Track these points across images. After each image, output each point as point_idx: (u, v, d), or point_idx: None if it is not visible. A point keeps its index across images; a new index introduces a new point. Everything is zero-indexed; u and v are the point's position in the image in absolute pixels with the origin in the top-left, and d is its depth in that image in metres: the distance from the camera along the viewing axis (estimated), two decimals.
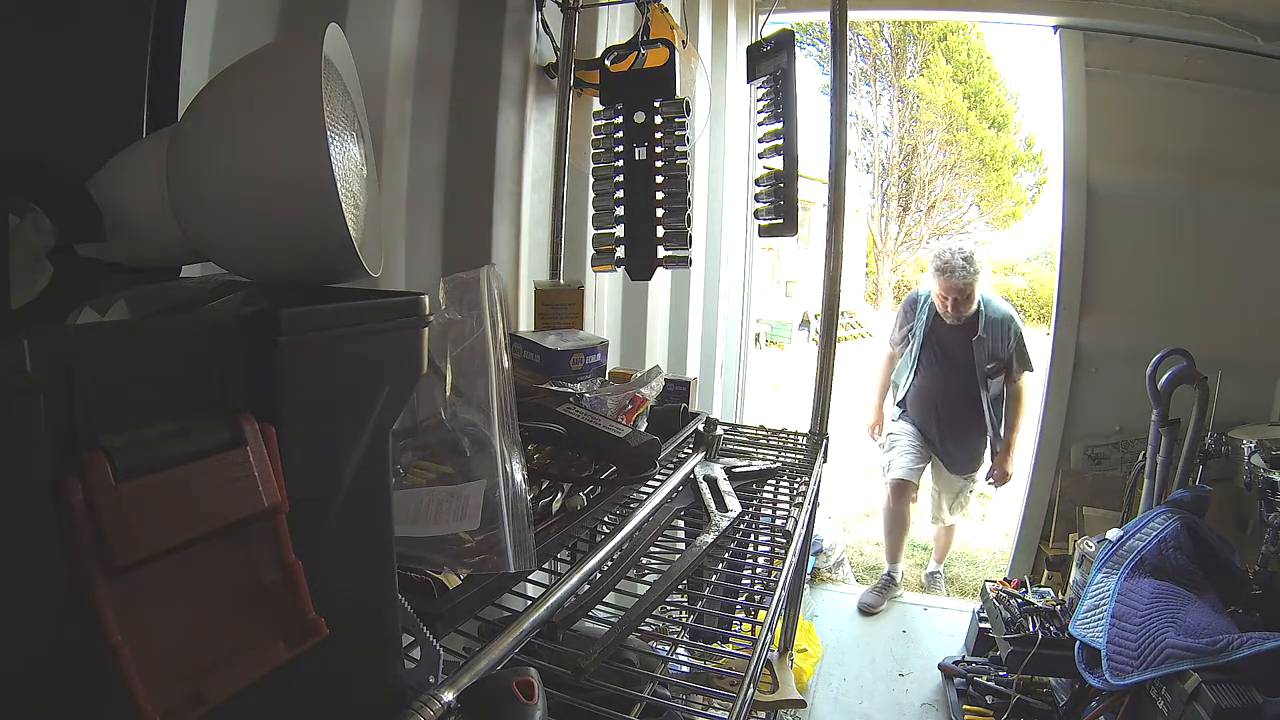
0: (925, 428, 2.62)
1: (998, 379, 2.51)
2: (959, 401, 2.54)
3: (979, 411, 2.52)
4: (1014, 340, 2.49)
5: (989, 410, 2.52)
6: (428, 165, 1.11)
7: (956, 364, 2.53)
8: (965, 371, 2.51)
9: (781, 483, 1.00)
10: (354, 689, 0.40)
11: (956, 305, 2.45)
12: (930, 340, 2.58)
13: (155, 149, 0.45)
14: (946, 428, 2.59)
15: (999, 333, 2.49)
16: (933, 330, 2.57)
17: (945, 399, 2.57)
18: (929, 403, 2.60)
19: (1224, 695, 1.28)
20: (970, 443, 2.60)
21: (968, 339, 2.50)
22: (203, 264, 0.55)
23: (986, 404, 2.51)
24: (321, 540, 0.35)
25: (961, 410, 2.55)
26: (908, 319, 2.67)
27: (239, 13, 0.77)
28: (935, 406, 2.59)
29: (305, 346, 0.33)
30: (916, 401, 2.63)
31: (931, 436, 2.62)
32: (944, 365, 2.56)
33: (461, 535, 0.56)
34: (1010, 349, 2.48)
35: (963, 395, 2.53)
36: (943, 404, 2.58)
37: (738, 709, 0.52)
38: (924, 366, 2.60)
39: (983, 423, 2.54)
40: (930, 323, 2.58)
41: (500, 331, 0.61)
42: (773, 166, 1.25)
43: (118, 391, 0.27)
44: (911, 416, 2.66)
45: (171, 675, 0.27)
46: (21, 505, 0.24)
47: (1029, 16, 2.53)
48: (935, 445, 2.63)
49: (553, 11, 1.35)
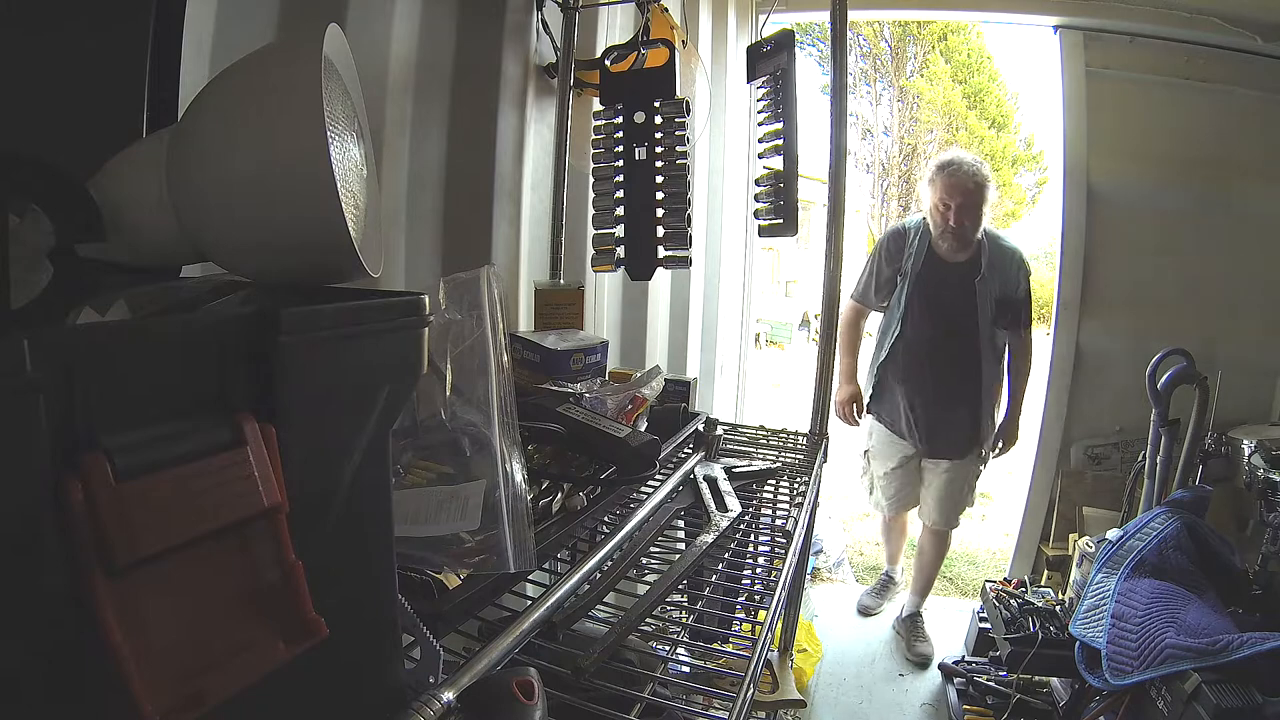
0: (910, 401, 2.12)
1: (1004, 332, 2.06)
2: (955, 363, 2.06)
3: (977, 375, 2.06)
4: (1025, 282, 2.05)
5: (988, 373, 2.07)
6: (428, 165, 1.11)
7: (954, 315, 2.04)
8: (965, 324, 2.03)
9: (781, 483, 1.01)
10: (354, 689, 0.40)
11: (961, 215, 1.94)
12: (921, 286, 2.04)
13: (155, 149, 0.45)
14: (938, 400, 2.09)
15: (1008, 270, 2.03)
16: (925, 273, 2.05)
17: (938, 361, 2.06)
18: (918, 367, 2.08)
19: (1224, 695, 1.28)
20: (965, 415, 2.12)
21: (968, 281, 2.01)
22: (203, 264, 0.55)
23: (988, 364, 2.06)
24: (321, 540, 0.35)
25: (959, 374, 2.06)
26: (892, 259, 2.10)
27: (239, 13, 0.77)
28: (925, 371, 2.07)
29: (305, 346, 0.33)
30: (901, 367, 2.10)
31: (917, 413, 2.12)
32: (937, 318, 2.05)
33: (461, 535, 0.56)
34: (1023, 291, 2.04)
35: (960, 355, 2.05)
36: (934, 367, 2.07)
37: (738, 709, 0.52)
38: (912, 320, 2.06)
39: (979, 389, 2.08)
40: (922, 263, 2.04)
41: (500, 331, 0.61)
42: (773, 166, 1.25)
43: (118, 391, 0.27)
44: (893, 389, 2.14)
45: (171, 675, 0.27)
46: (21, 505, 0.24)
47: (1029, 16, 2.53)
48: (921, 426, 2.13)
49: (553, 11, 1.35)
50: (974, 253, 2.02)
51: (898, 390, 2.14)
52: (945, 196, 1.96)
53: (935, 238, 2.03)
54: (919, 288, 2.05)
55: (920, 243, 2.05)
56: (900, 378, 2.13)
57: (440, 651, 0.48)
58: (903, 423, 2.17)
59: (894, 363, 2.12)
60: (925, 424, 2.13)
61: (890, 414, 2.20)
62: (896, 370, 2.12)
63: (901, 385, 2.13)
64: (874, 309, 2.20)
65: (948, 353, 2.06)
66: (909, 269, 2.06)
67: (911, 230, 2.10)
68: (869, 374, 2.23)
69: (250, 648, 0.30)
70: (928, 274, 2.04)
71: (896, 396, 2.15)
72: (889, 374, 2.15)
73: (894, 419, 2.19)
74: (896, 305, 2.09)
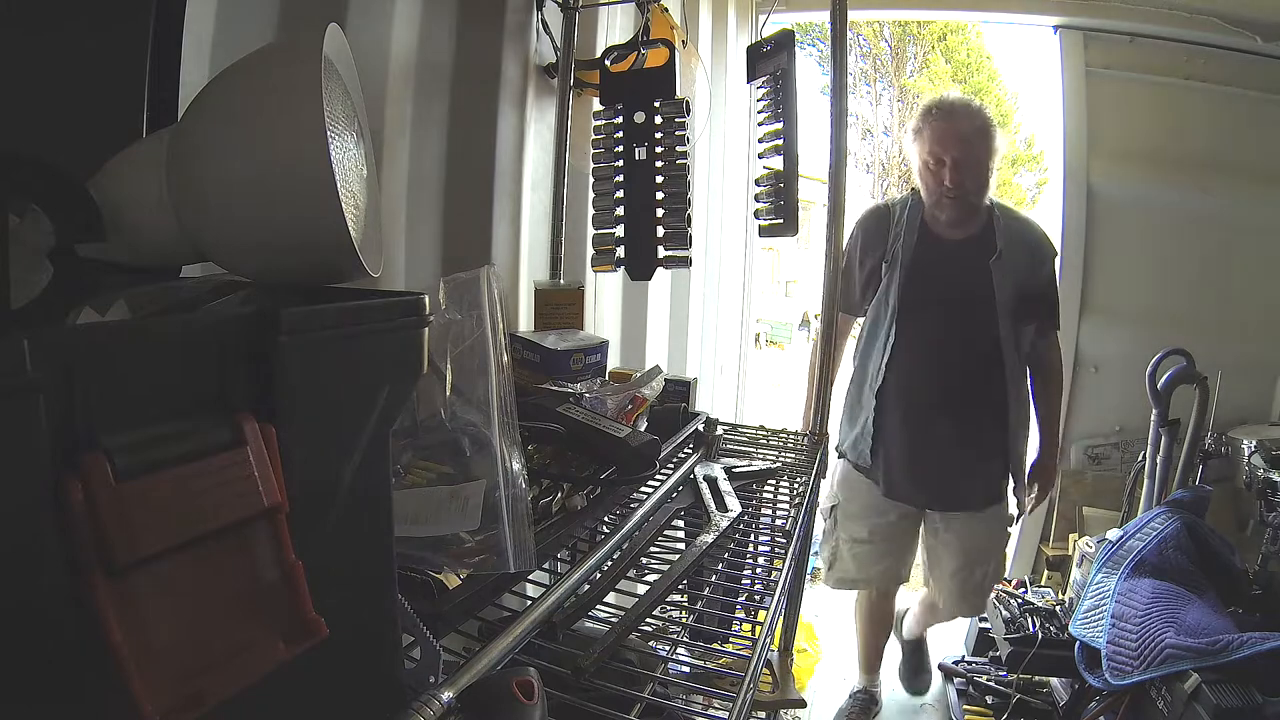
0: (910, 439, 1.53)
1: (1030, 327, 1.52)
2: (972, 376, 1.49)
3: (1001, 391, 1.49)
4: (1051, 264, 1.55)
5: (1015, 388, 1.51)
6: (428, 165, 1.11)
7: (964, 309, 1.49)
8: (981, 321, 1.48)
9: (781, 483, 1.00)
10: (354, 689, 0.40)
11: (959, 173, 1.42)
12: (915, 275, 1.49)
13: (155, 149, 0.45)
14: (949, 432, 1.50)
15: (1030, 248, 1.51)
16: (919, 256, 1.50)
17: (947, 375, 1.49)
18: (919, 388, 1.51)
19: (1224, 695, 1.28)
20: (988, 449, 1.54)
21: (979, 263, 1.47)
22: (203, 264, 0.55)
23: (1014, 375, 1.50)
24: (321, 540, 0.35)
25: (978, 392, 1.50)
26: (872, 245, 1.55)
27: (239, 13, 0.77)
28: (929, 393, 1.50)
29: (305, 346, 0.33)
30: (895, 389, 1.52)
31: (918, 455, 1.53)
32: (941, 315, 1.49)
33: (461, 535, 0.56)
34: (1046, 275, 1.53)
35: (978, 364, 1.49)
36: (943, 385, 1.49)
37: (738, 709, 0.52)
38: (907, 323, 1.50)
39: (1006, 410, 1.50)
40: (914, 243, 1.51)
41: (500, 331, 0.61)
42: (773, 166, 1.25)
43: (118, 391, 0.27)
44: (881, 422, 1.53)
45: (171, 675, 0.27)
46: (21, 505, 0.24)
47: (1029, 16, 2.53)
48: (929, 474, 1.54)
49: (553, 11, 1.35)
50: (982, 225, 1.50)
51: (889, 423, 1.53)
52: (936, 149, 1.43)
53: (929, 209, 1.50)
54: (913, 277, 1.49)
55: (910, 218, 1.51)
56: (894, 404, 1.52)
57: (440, 651, 0.48)
58: (896, 471, 1.55)
59: (884, 385, 1.52)
60: (935, 469, 1.53)
61: (876, 457, 1.56)
62: (888, 395, 1.52)
63: (897, 414, 1.52)
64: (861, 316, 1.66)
65: (960, 363, 1.49)
66: (897, 253, 1.50)
67: (896, 206, 1.56)
68: (847, 400, 1.65)
69: (250, 648, 0.30)
70: (923, 257, 1.50)
71: (886, 433, 1.54)
72: (877, 400, 1.54)
73: (883, 467, 1.56)
74: (883, 304, 1.52)
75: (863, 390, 1.58)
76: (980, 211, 1.52)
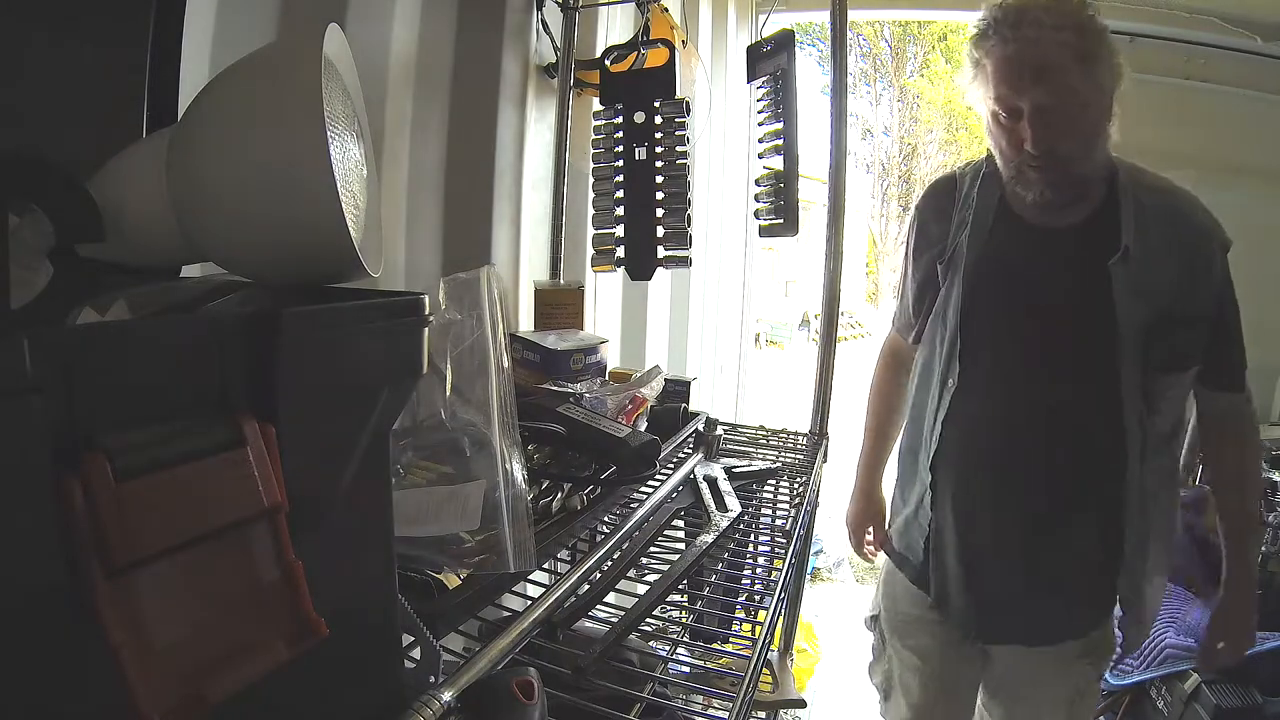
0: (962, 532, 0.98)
1: (1173, 376, 0.95)
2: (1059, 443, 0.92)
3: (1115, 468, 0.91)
4: (1220, 267, 1.00)
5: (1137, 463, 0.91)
6: (428, 165, 1.11)
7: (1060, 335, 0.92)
8: (1088, 352, 0.91)
9: (781, 483, 1.00)
10: (354, 689, 0.40)
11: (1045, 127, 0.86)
12: (987, 278, 0.95)
13: (155, 149, 0.45)
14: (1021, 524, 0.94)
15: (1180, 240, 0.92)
16: (992, 251, 0.95)
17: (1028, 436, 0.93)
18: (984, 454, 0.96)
19: (1224, 695, 1.28)
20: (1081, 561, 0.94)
21: (1093, 262, 0.90)
22: (203, 264, 0.55)
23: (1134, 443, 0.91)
24: (321, 540, 0.35)
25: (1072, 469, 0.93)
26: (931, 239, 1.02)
27: (239, 13, 0.77)
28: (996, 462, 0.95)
29: (305, 346, 0.33)
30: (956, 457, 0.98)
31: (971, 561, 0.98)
32: (1024, 344, 0.94)
33: (461, 535, 0.56)
34: (1212, 286, 0.98)
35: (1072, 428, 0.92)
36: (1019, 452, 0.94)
37: (738, 709, 0.52)
38: (973, 352, 0.95)
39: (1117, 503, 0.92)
40: (989, 231, 0.96)
41: (500, 331, 0.61)
42: (773, 166, 1.25)
43: (118, 391, 0.27)
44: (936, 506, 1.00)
45: (171, 675, 0.27)
46: (21, 506, 0.24)
47: None
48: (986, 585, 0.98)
49: (553, 11, 1.35)
50: (1098, 205, 0.94)
51: (944, 508, 1.00)
52: (1005, 90, 0.87)
53: (1008, 183, 0.94)
54: (980, 284, 0.95)
55: (982, 196, 0.97)
56: (947, 479, 0.99)
57: (440, 651, 0.48)
58: (948, 579, 1.02)
59: (940, 449, 0.99)
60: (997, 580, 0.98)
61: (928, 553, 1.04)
62: (944, 465, 0.99)
63: (948, 492, 0.99)
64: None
65: (1046, 425, 0.92)
66: (960, 246, 0.98)
67: (967, 178, 1.01)
68: (900, 465, 1.12)
69: (250, 648, 0.30)
70: (998, 254, 0.95)
71: (941, 522, 1.01)
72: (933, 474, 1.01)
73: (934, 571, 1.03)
74: (939, 325, 1.00)
75: (917, 455, 1.04)
76: (1092, 182, 0.94)
